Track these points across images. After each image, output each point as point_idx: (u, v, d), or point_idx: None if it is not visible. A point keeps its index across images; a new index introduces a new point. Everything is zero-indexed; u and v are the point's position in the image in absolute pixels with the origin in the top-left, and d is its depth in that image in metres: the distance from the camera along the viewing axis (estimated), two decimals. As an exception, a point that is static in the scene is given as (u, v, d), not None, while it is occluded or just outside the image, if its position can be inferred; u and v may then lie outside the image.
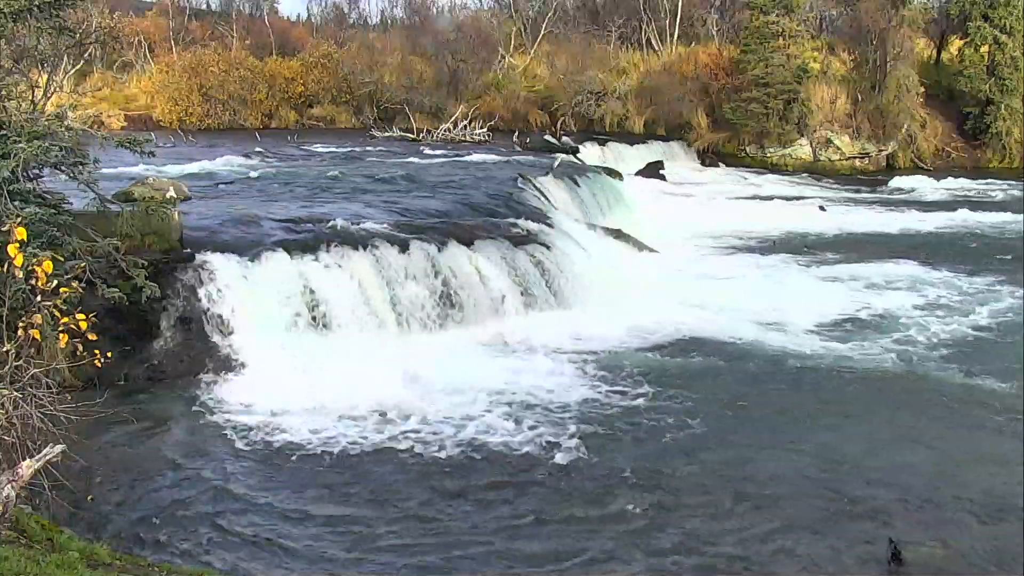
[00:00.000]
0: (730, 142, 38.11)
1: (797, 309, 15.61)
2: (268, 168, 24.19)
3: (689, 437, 10.48)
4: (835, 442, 10.33)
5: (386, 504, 8.89)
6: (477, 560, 7.90)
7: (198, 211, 15.75)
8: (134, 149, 12.22)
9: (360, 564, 7.83)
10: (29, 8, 11.02)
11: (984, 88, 37.17)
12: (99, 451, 9.48)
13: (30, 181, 11.47)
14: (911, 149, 37.87)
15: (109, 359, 6.99)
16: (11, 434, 6.03)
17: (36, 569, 5.27)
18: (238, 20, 49.11)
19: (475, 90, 40.97)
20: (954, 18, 39.84)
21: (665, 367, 12.83)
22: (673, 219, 24.54)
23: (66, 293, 6.01)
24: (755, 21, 36.92)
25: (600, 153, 33.17)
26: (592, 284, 16.52)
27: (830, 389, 12.09)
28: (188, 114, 37.99)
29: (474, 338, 13.92)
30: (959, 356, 13.36)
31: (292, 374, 11.94)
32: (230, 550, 7.99)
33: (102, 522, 8.29)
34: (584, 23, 48.41)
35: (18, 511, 6.22)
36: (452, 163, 26.78)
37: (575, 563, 7.85)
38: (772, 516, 8.59)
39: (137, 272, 11.44)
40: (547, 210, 19.71)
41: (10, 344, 5.90)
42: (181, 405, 11.29)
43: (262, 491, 9.11)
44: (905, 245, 22.16)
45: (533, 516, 8.65)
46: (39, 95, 13.00)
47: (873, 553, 7.89)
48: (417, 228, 15.75)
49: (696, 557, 7.93)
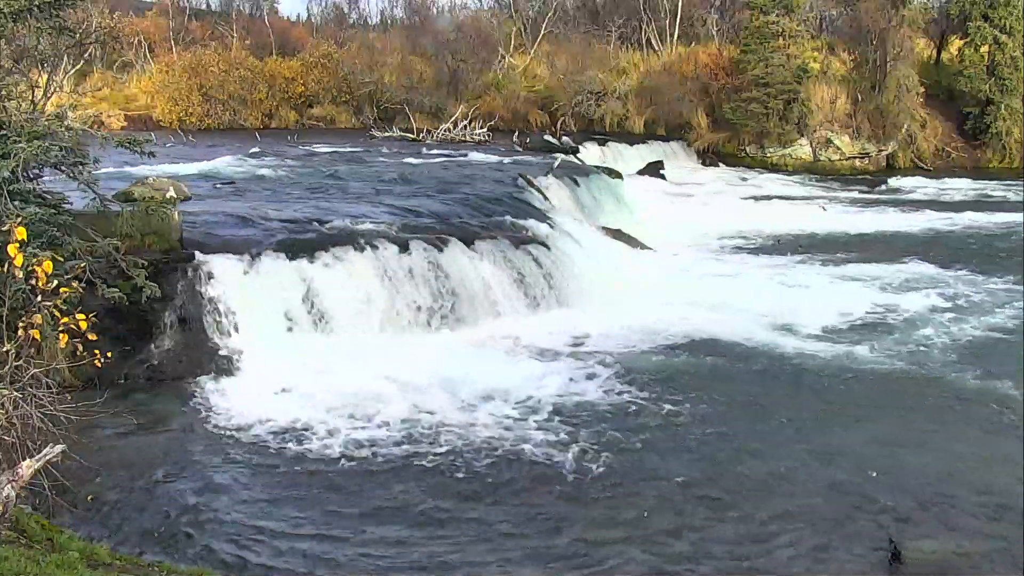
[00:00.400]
0: (730, 142, 38.11)
1: (798, 309, 15.57)
2: (268, 168, 24.19)
3: (693, 437, 10.47)
4: (842, 443, 10.31)
5: (386, 504, 8.87)
6: (482, 561, 7.89)
7: (198, 211, 15.74)
8: (134, 149, 12.21)
9: (361, 564, 7.83)
10: (29, 8, 11.01)
11: (984, 88, 37.15)
12: (99, 451, 9.46)
13: (30, 181, 11.47)
14: (911, 149, 37.85)
15: (109, 359, 7.00)
16: (11, 434, 6.03)
17: (36, 569, 5.27)
18: (238, 20, 49.13)
19: (475, 90, 40.97)
20: (954, 18, 39.82)
21: (666, 367, 12.81)
22: (673, 219, 24.54)
23: (66, 293, 6.01)
24: (755, 21, 36.91)
25: (600, 153, 33.16)
26: (592, 284, 16.52)
27: (836, 389, 12.06)
28: (188, 114, 38.00)
29: (474, 338, 13.91)
30: (975, 358, 13.16)
31: (292, 374, 11.93)
32: (230, 550, 7.98)
33: (102, 522, 8.29)
34: (584, 23, 48.41)
35: (18, 511, 6.22)
36: (452, 163, 26.77)
37: (575, 563, 7.85)
38: (774, 517, 8.59)
39: (137, 272, 11.44)
40: (547, 210, 19.71)
41: (10, 344, 5.90)
42: (181, 405, 11.28)
43: (262, 491, 9.11)
44: (905, 244, 22.13)
45: (533, 516, 8.64)
46: (39, 95, 12.99)
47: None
48: (417, 228, 15.75)
49: (697, 557, 7.93)
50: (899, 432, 10.61)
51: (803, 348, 13.66)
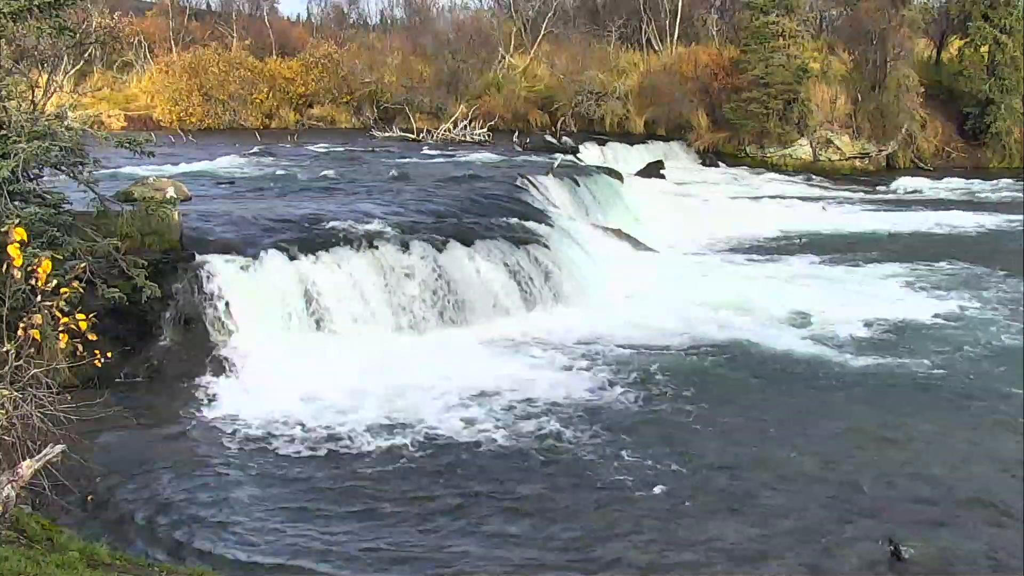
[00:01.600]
0: (730, 142, 38.07)
1: (798, 309, 15.58)
2: (268, 168, 24.19)
3: (692, 437, 10.48)
4: (835, 440, 10.33)
5: (387, 504, 8.87)
6: (481, 561, 7.90)
7: (198, 211, 15.74)
8: (134, 149, 12.23)
9: (363, 562, 7.83)
10: (29, 8, 11.02)
11: (984, 88, 37.14)
12: (99, 451, 9.48)
13: (30, 181, 11.48)
14: (911, 149, 37.82)
15: (109, 359, 6.99)
16: (11, 434, 6.03)
17: (36, 569, 5.27)
18: (238, 20, 49.09)
19: (475, 90, 40.92)
20: (954, 18, 39.82)
21: (665, 366, 12.80)
22: (673, 219, 24.51)
23: (66, 293, 6.00)
24: (755, 21, 36.88)
25: (600, 153, 33.13)
26: (592, 284, 16.54)
27: (832, 387, 12.11)
28: (188, 114, 37.96)
29: (474, 338, 13.91)
30: (1001, 362, 13.04)
31: (291, 374, 11.93)
32: (229, 550, 7.98)
33: (102, 522, 8.29)
34: (584, 23, 48.36)
35: (18, 511, 6.22)
36: (452, 163, 26.76)
37: (575, 563, 7.85)
38: (775, 517, 8.59)
39: (137, 272, 11.45)
40: (547, 210, 19.72)
41: (10, 344, 5.90)
42: (181, 405, 11.29)
43: (261, 491, 9.11)
44: (905, 244, 22.17)
45: (534, 516, 8.65)
46: (39, 95, 12.99)
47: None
48: (417, 228, 15.75)
49: (700, 556, 7.94)
50: (896, 430, 10.63)
51: (803, 348, 13.67)
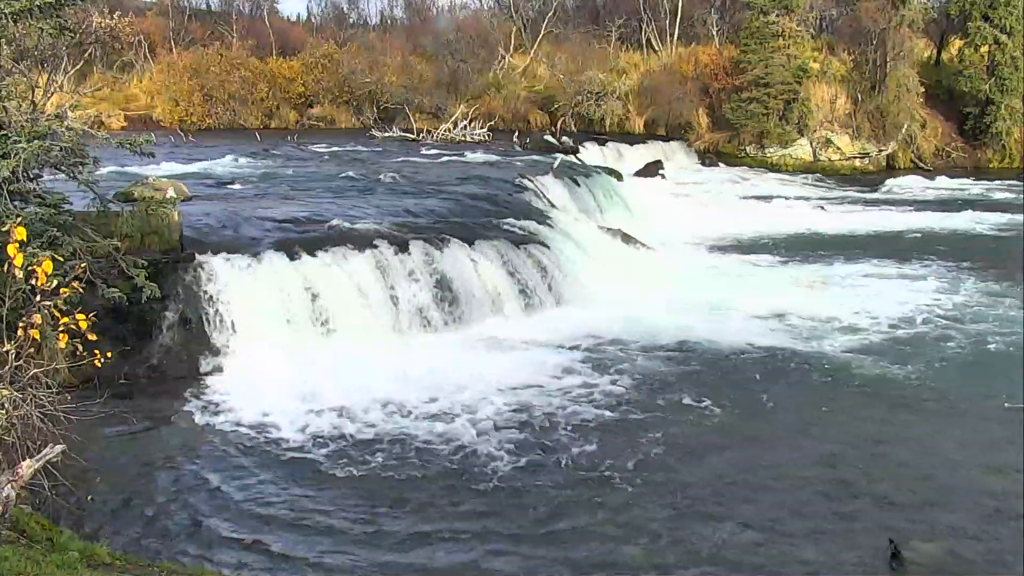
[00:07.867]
0: (730, 142, 38.07)
1: (798, 309, 15.59)
2: (268, 168, 24.20)
3: (692, 437, 10.48)
4: (840, 441, 10.33)
5: (385, 504, 8.88)
6: (479, 560, 7.90)
7: (198, 211, 15.75)
8: (134, 149, 12.21)
9: (363, 563, 7.83)
10: (30, 8, 11.01)
11: (984, 88, 37.12)
12: (99, 451, 9.48)
13: (30, 181, 11.47)
14: (911, 149, 37.82)
15: (109, 359, 7.00)
16: (11, 434, 6.03)
17: (36, 569, 5.28)
18: (238, 20, 49.10)
19: (475, 90, 40.92)
20: (954, 18, 39.77)
21: (666, 366, 12.82)
22: (673, 219, 24.52)
23: (66, 293, 6.01)
24: (755, 21, 36.88)
25: (600, 153, 33.13)
26: (592, 283, 16.53)
27: (831, 386, 12.10)
28: (188, 114, 38.00)
29: (474, 337, 13.92)
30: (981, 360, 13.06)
31: (291, 374, 11.94)
32: (229, 549, 7.99)
33: (102, 522, 8.29)
34: (584, 23, 48.37)
35: (18, 511, 6.23)
36: (452, 163, 26.77)
37: (574, 562, 7.85)
38: (774, 516, 8.59)
39: (137, 272, 11.44)
40: (547, 210, 19.72)
41: (10, 344, 5.90)
42: (180, 405, 11.30)
43: (261, 490, 9.11)
44: (904, 244, 22.16)
45: (534, 516, 8.65)
46: (39, 95, 12.98)
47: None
48: (417, 228, 15.76)
49: (701, 556, 7.94)
50: (895, 429, 10.63)
51: (802, 348, 13.67)
